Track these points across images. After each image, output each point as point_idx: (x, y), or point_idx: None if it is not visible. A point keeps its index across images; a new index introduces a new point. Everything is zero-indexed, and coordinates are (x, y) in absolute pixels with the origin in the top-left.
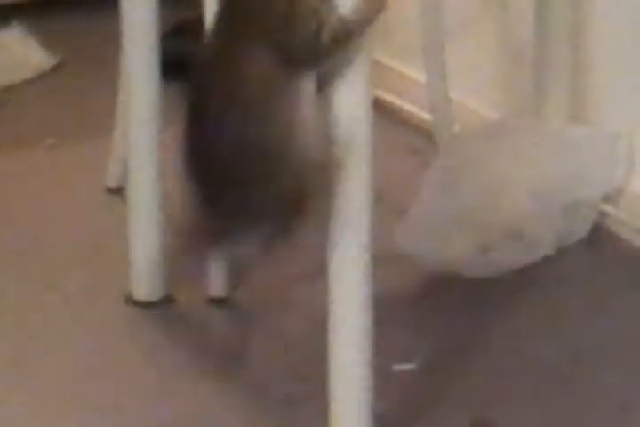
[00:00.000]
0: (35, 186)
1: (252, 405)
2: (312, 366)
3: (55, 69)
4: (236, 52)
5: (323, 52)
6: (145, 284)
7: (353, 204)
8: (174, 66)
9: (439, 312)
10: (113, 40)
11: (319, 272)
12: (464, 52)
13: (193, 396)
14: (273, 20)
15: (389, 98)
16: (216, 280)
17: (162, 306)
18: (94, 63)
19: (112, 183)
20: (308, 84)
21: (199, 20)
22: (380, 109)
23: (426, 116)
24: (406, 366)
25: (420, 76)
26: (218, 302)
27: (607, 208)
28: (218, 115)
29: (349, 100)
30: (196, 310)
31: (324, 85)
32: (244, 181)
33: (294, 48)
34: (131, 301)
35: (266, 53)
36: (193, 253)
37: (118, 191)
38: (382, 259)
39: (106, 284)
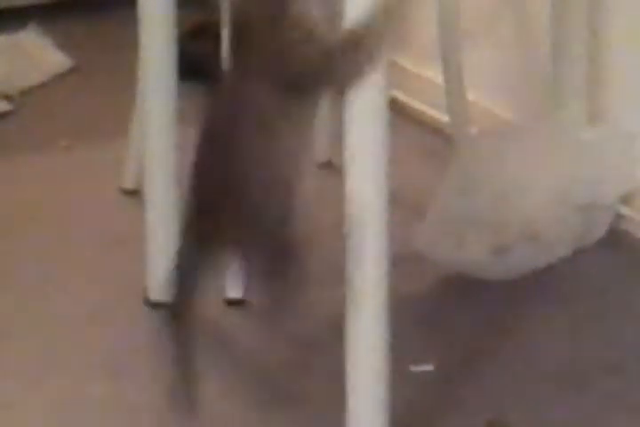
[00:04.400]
0: (50, 188)
1: (268, 404)
2: (329, 366)
3: (72, 71)
4: (239, 91)
5: (325, 73)
6: (161, 285)
7: (370, 205)
8: (191, 67)
9: (456, 314)
10: (129, 42)
11: (336, 274)
12: (481, 53)
13: (210, 396)
14: (269, 52)
15: (406, 99)
16: (233, 281)
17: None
18: (111, 65)
19: (128, 185)
20: (310, 115)
21: (216, 22)
22: (397, 111)
23: (443, 117)
24: (423, 368)
25: (437, 78)
26: (235, 303)
27: (624, 209)
28: (219, 153)
29: (365, 102)
30: (212, 311)
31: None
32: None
33: (295, 77)
34: (147, 302)
35: (267, 90)
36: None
37: (134, 193)
38: (399, 260)
39: (122, 285)
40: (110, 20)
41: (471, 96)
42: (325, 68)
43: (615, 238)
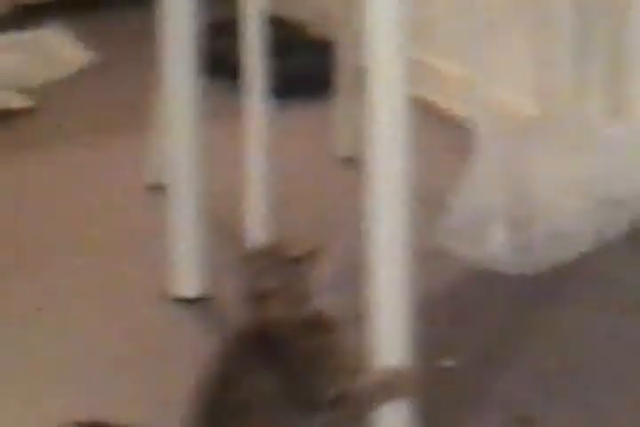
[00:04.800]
0: (74, 182)
1: None
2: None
3: (93, 66)
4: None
5: (327, 410)
6: (184, 280)
7: (393, 200)
8: (215, 62)
9: (479, 309)
10: (151, 36)
11: (350, 274)
12: (504, 48)
13: None
14: (300, 363)
15: (429, 95)
16: None
17: (201, 302)
18: (132, 60)
19: (152, 180)
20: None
21: (236, 20)
22: (420, 107)
23: (466, 113)
24: (449, 363)
25: (461, 74)
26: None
27: None
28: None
29: (387, 97)
30: (235, 306)
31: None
32: None
33: (294, 390)
34: (170, 297)
35: (267, 383)
36: None
37: (158, 188)
38: (423, 256)
39: (145, 280)
40: (132, 16)
41: (495, 92)
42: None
43: (637, 234)
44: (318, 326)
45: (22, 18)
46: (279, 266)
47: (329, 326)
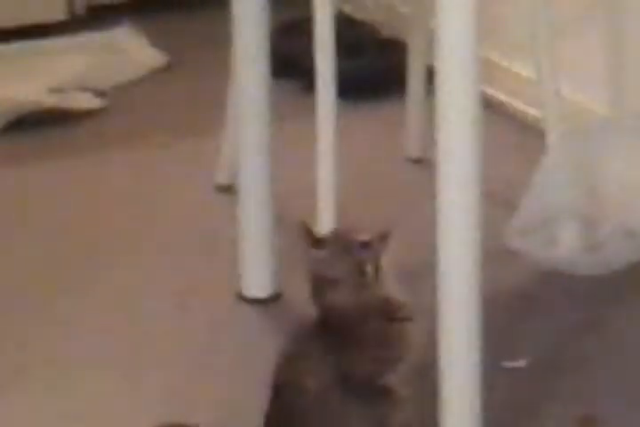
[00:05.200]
0: (145, 183)
1: None
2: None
3: (166, 68)
4: (302, 363)
5: (375, 391)
6: (255, 280)
7: (464, 201)
8: (284, 64)
9: (549, 310)
10: (223, 38)
11: (429, 268)
12: (574, 48)
13: None
14: (346, 345)
15: (499, 95)
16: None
17: (272, 303)
18: (204, 62)
19: (222, 181)
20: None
21: (308, 20)
22: (490, 107)
23: (536, 113)
24: (517, 364)
25: (531, 74)
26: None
27: None
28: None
29: (457, 97)
30: (306, 307)
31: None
32: None
33: (352, 376)
34: (241, 297)
35: (326, 369)
36: None
37: (228, 189)
38: (492, 256)
39: (216, 280)
40: (204, 17)
41: (565, 92)
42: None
43: None
44: (386, 311)
45: (96, 18)
46: (349, 250)
47: (396, 311)
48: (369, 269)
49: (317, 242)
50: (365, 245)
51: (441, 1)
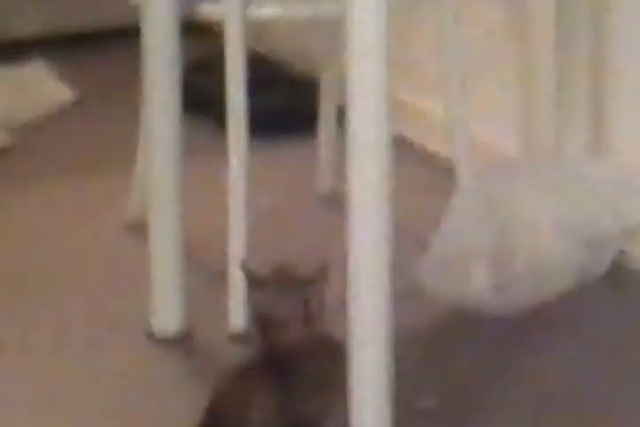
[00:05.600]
0: (55, 221)
1: None
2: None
3: (76, 104)
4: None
5: None
6: (166, 318)
7: (374, 239)
8: (197, 100)
9: (458, 348)
10: (133, 74)
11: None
12: (484, 89)
13: None
14: (289, 386)
15: (410, 135)
16: (236, 315)
17: (182, 341)
18: (115, 98)
19: (134, 219)
20: None
21: (222, 57)
22: (401, 146)
23: (447, 153)
24: (426, 403)
25: (441, 113)
26: (238, 336)
27: (627, 245)
28: None
29: (368, 136)
30: (216, 345)
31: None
32: None
33: (295, 419)
34: (151, 335)
35: (270, 406)
36: None
37: (140, 226)
38: (402, 294)
39: (127, 318)
40: (114, 53)
41: (475, 132)
42: None
43: (617, 273)
44: (327, 352)
45: (7, 54)
46: (292, 288)
47: (337, 351)
48: (314, 305)
49: (259, 281)
50: (308, 280)
51: (352, 40)
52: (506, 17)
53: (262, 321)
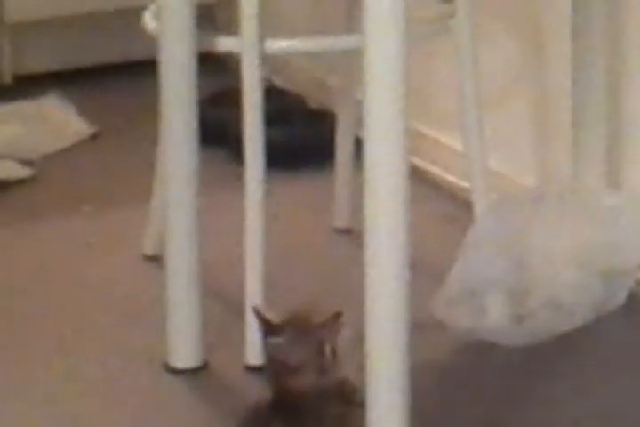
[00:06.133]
0: (72, 253)
1: None
2: None
3: (93, 138)
4: None
5: None
6: (182, 351)
7: (391, 272)
8: (213, 133)
9: (476, 382)
10: (150, 108)
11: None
12: (501, 119)
13: None
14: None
15: (426, 166)
16: (253, 348)
17: (199, 373)
18: (132, 131)
19: (149, 251)
20: None
21: (237, 89)
22: (417, 178)
23: (463, 184)
24: None
25: (458, 145)
26: (254, 369)
27: None
28: None
29: (385, 168)
30: (233, 377)
31: None
32: None
33: None
34: (168, 368)
35: None
36: None
37: (155, 259)
38: (419, 327)
39: (143, 351)
40: (131, 86)
41: (492, 163)
42: None
43: (636, 304)
44: (341, 395)
45: (24, 88)
46: (306, 335)
47: (351, 396)
48: (327, 351)
49: (273, 328)
50: (322, 327)
51: (369, 72)
52: (522, 48)
53: (276, 367)
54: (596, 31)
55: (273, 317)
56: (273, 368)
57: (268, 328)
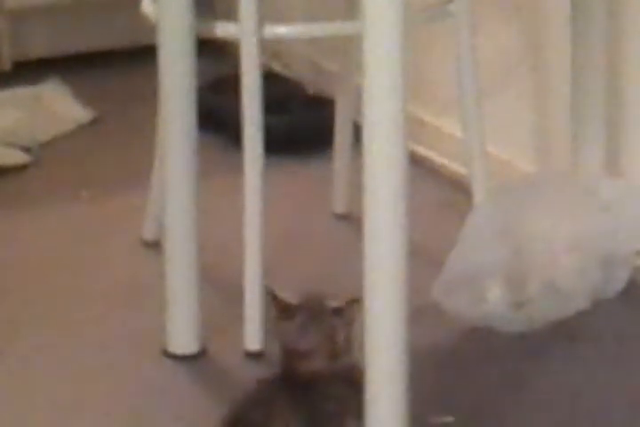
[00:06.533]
0: (71, 239)
1: None
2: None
3: (92, 123)
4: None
5: None
6: (181, 337)
7: (390, 257)
8: (212, 119)
9: (475, 366)
10: (149, 94)
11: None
12: (500, 105)
13: None
14: (327, 411)
15: (426, 152)
16: (252, 333)
17: (198, 359)
18: (131, 117)
19: (148, 236)
20: None
21: (237, 76)
22: (416, 163)
23: (462, 169)
24: (443, 419)
25: (457, 130)
26: (254, 355)
27: None
28: None
29: (384, 154)
30: (232, 363)
31: None
32: None
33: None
34: (167, 354)
35: (294, 419)
36: None
37: (154, 244)
38: (418, 313)
39: (142, 337)
40: (130, 72)
41: (490, 149)
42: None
43: (634, 291)
44: (349, 380)
45: (23, 74)
46: (320, 319)
47: (359, 381)
48: (340, 338)
49: (287, 310)
50: (337, 312)
51: (368, 57)
52: (522, 34)
53: (287, 351)
54: (594, 17)
55: (287, 298)
56: (283, 351)
57: (283, 310)
